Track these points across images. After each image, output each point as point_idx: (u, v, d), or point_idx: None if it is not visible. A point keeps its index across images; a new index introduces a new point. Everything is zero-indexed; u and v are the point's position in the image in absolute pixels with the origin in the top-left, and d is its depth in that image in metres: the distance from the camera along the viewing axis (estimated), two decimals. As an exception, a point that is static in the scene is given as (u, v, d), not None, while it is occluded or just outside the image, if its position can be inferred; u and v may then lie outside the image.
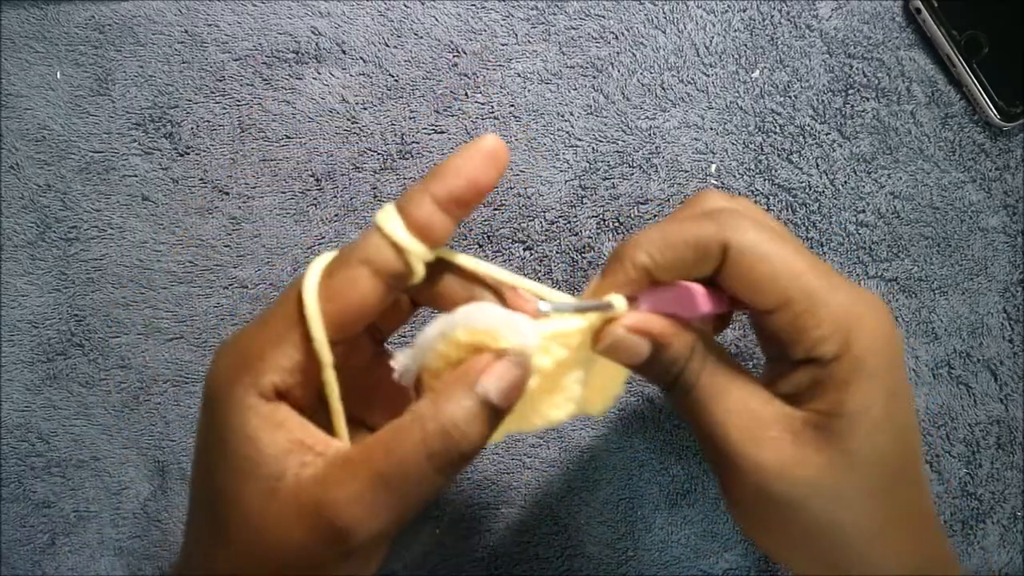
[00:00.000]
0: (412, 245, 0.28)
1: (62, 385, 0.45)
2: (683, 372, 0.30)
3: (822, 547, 0.29)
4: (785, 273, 0.28)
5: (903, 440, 0.29)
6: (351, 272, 0.27)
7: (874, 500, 0.29)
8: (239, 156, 0.45)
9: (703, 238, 0.29)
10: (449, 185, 0.28)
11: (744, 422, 0.29)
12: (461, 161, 0.28)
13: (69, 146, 0.45)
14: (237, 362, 0.28)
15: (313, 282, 0.28)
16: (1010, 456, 0.46)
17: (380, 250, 0.27)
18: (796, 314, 0.28)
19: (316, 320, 0.27)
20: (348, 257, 0.28)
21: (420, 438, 0.26)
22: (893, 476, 0.29)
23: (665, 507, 0.45)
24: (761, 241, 0.28)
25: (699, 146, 0.45)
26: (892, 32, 0.46)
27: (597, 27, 0.45)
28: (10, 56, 0.45)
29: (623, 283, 0.30)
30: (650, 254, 0.29)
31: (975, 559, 0.46)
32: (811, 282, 0.28)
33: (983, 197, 0.46)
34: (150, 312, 0.45)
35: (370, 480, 0.26)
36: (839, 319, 0.28)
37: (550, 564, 0.45)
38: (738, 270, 0.29)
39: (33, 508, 0.45)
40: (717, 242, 0.29)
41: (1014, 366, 0.46)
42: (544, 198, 0.45)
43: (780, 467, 0.28)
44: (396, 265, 0.28)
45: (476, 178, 0.28)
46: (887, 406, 0.28)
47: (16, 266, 0.45)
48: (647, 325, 0.30)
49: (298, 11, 0.45)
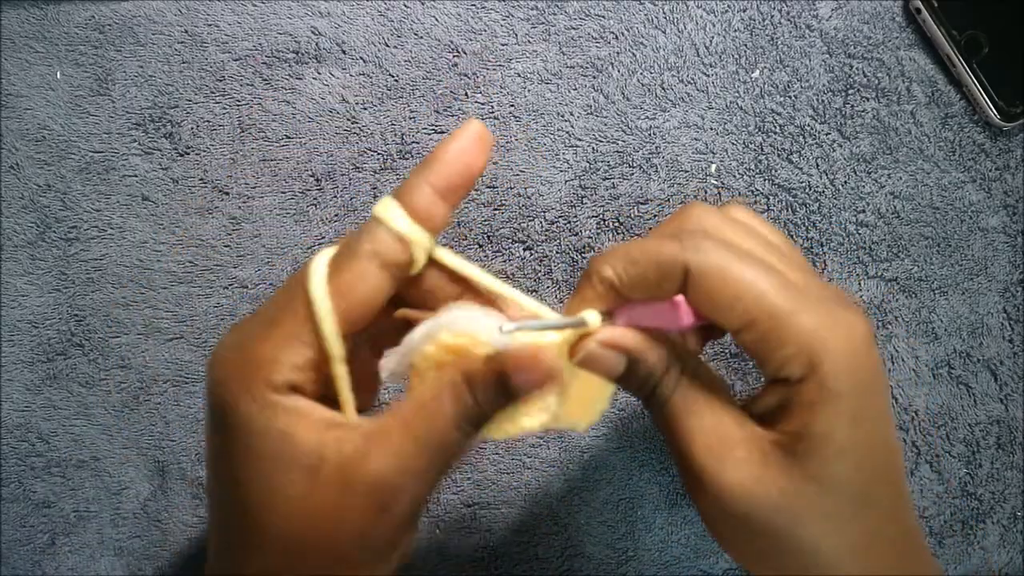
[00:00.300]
0: (417, 235, 0.28)
1: (62, 385, 0.45)
2: (658, 386, 0.30)
3: (789, 565, 0.29)
4: (747, 293, 0.28)
5: (870, 465, 0.29)
6: (360, 267, 0.28)
7: (840, 523, 0.28)
8: (239, 156, 0.45)
9: (664, 259, 0.28)
10: (445, 172, 0.28)
11: (712, 440, 0.29)
12: (452, 147, 0.28)
13: (69, 146, 0.45)
14: (246, 366, 0.28)
15: (320, 278, 0.28)
16: (1010, 456, 0.46)
17: (386, 241, 0.28)
18: (760, 334, 0.28)
19: (328, 317, 0.27)
20: (355, 251, 0.28)
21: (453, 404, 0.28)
22: (859, 500, 0.29)
23: (665, 507, 0.45)
24: (721, 263, 0.28)
25: (699, 146, 0.46)
26: (892, 32, 0.46)
27: (597, 27, 0.45)
28: (10, 56, 0.45)
29: (592, 299, 0.30)
30: (615, 270, 0.29)
31: (975, 559, 0.46)
32: (775, 303, 0.28)
33: (983, 197, 0.46)
34: (150, 312, 0.45)
35: (414, 446, 0.27)
36: (803, 340, 0.28)
37: (550, 564, 0.45)
38: (700, 292, 0.28)
39: (33, 508, 0.45)
40: (678, 263, 0.28)
41: (1014, 366, 0.46)
42: (544, 198, 0.45)
43: (742, 487, 0.28)
44: (402, 256, 0.28)
45: (469, 163, 0.28)
46: (851, 430, 0.28)
47: (16, 266, 0.45)
48: (620, 340, 0.30)
49: (298, 11, 0.45)
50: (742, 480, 0.28)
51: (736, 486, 0.28)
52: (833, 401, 0.28)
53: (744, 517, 0.29)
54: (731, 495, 0.28)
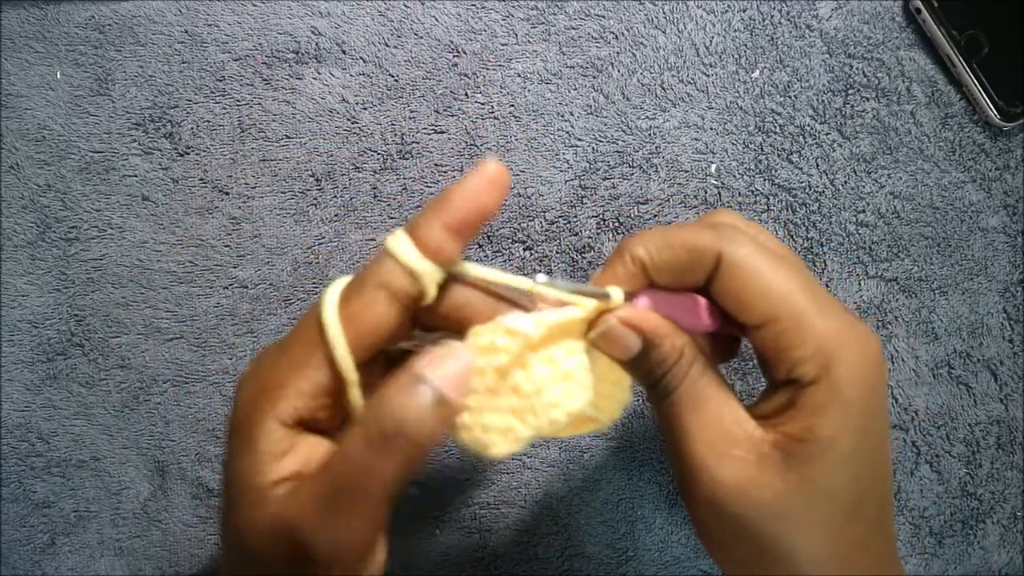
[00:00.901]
0: (426, 268, 0.28)
1: (62, 385, 0.45)
2: (666, 376, 0.30)
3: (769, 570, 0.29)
4: (774, 290, 0.28)
5: (867, 477, 0.29)
6: (368, 296, 0.28)
7: (830, 532, 0.29)
8: (239, 156, 0.45)
9: (699, 245, 0.29)
10: (458, 211, 0.28)
11: (712, 436, 0.29)
12: (468, 187, 0.29)
13: (69, 146, 0.45)
14: (258, 392, 0.28)
15: (333, 305, 0.28)
16: (1010, 456, 0.46)
17: (395, 275, 0.28)
18: (780, 332, 0.29)
19: (339, 340, 0.28)
20: (364, 282, 0.29)
21: (363, 440, 0.26)
22: (851, 510, 0.29)
23: (665, 507, 0.45)
24: (754, 256, 0.29)
25: (699, 146, 0.46)
26: (892, 32, 0.46)
27: (597, 27, 0.45)
28: (10, 56, 0.45)
29: (621, 276, 0.31)
30: (648, 250, 0.30)
31: (975, 559, 0.46)
32: (800, 303, 0.28)
33: (983, 197, 0.46)
34: (150, 312, 0.45)
35: (321, 491, 0.27)
36: (822, 342, 0.28)
37: (550, 564, 0.45)
38: (729, 282, 0.29)
39: (33, 508, 0.45)
40: (712, 251, 0.29)
41: (1014, 366, 0.46)
42: (544, 198, 0.45)
43: (736, 486, 0.28)
44: (411, 288, 0.28)
45: (483, 203, 0.29)
46: (855, 440, 0.28)
47: (16, 266, 0.45)
48: (640, 321, 0.30)
49: (298, 11, 0.45)
50: (738, 479, 0.28)
51: (731, 485, 0.28)
52: (843, 406, 0.28)
53: (735, 519, 0.29)
54: (725, 494, 0.29)
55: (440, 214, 0.28)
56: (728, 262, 0.29)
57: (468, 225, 0.29)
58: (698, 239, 0.29)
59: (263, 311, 0.45)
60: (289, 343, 0.29)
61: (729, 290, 0.29)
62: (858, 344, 0.29)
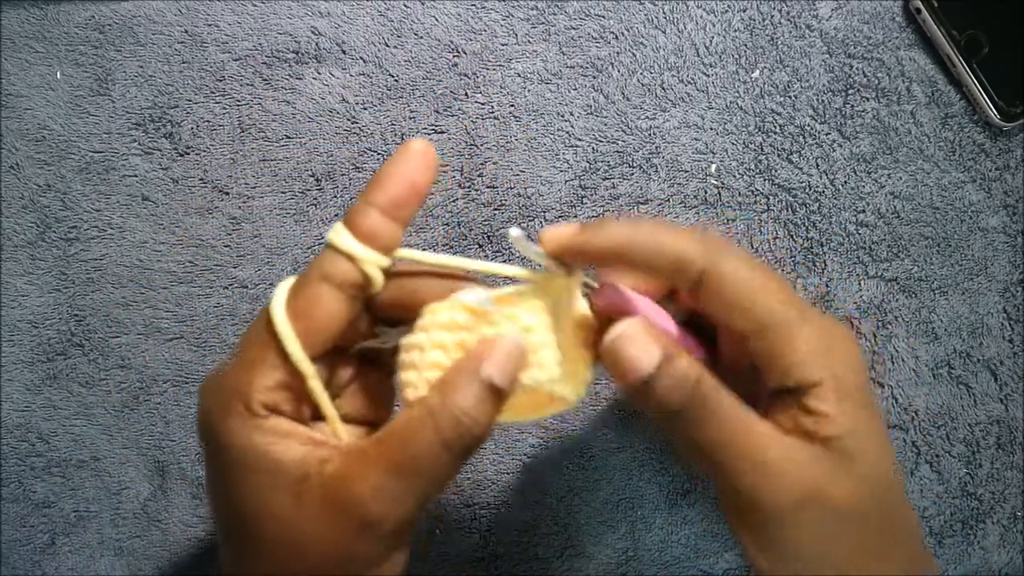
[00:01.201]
0: (364, 253, 0.29)
1: (62, 385, 0.45)
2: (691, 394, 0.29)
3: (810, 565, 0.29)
4: (763, 298, 0.28)
5: (887, 460, 0.30)
6: (312, 289, 0.29)
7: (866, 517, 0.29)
8: (239, 156, 0.45)
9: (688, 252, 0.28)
10: (387, 192, 0.29)
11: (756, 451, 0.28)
12: (394, 167, 0.29)
13: (69, 146, 0.45)
14: (222, 395, 0.29)
15: (280, 303, 0.29)
16: (1010, 456, 0.46)
17: (335, 263, 0.29)
18: (772, 340, 0.28)
19: (290, 336, 0.28)
20: (309, 276, 0.29)
21: (433, 430, 0.28)
22: (883, 493, 0.29)
23: (665, 507, 0.45)
24: (742, 267, 0.29)
25: (699, 146, 0.46)
26: (892, 32, 0.46)
27: (597, 27, 0.45)
28: (10, 56, 0.45)
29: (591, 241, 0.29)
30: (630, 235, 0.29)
31: (975, 559, 0.46)
32: (788, 310, 0.28)
33: (983, 197, 0.46)
34: (150, 312, 0.45)
35: (389, 471, 0.27)
36: (814, 346, 0.28)
37: (550, 564, 0.45)
38: (717, 292, 0.28)
39: (33, 508, 0.45)
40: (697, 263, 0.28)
41: (1014, 366, 0.46)
42: (544, 198, 0.45)
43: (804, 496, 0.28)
44: (354, 275, 0.29)
45: (412, 180, 0.29)
46: (870, 426, 0.29)
47: (16, 266, 0.45)
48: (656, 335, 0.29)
49: (298, 11, 0.45)
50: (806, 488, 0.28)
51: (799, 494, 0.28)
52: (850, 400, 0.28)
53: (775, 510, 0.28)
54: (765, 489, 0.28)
55: (372, 199, 0.29)
56: (715, 273, 0.28)
57: (402, 206, 0.29)
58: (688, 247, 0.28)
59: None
60: (242, 347, 0.30)
61: (717, 300, 0.29)
62: (843, 341, 0.29)
